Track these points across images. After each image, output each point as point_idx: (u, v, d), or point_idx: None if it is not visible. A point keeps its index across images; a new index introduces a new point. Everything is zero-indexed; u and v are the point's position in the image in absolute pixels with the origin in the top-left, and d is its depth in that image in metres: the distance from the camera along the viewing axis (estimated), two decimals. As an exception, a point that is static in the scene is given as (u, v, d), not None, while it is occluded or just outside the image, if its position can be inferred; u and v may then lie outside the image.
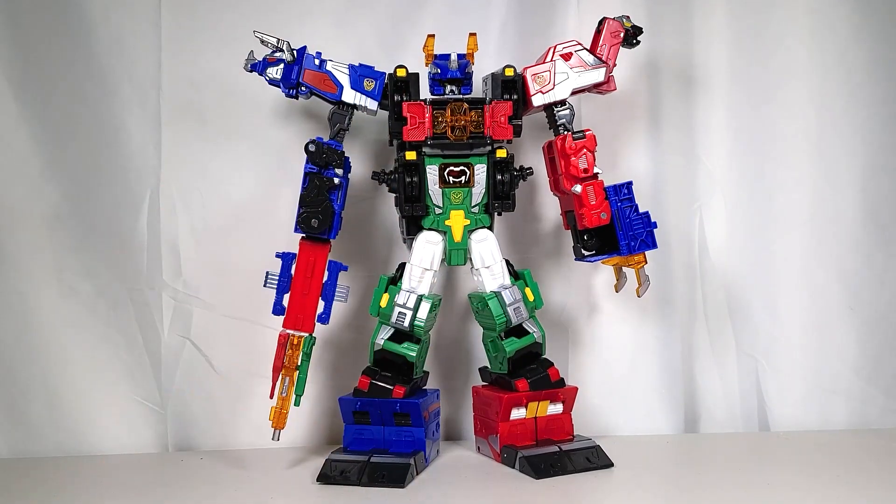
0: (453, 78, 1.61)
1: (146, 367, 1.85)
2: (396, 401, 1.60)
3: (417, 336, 1.63)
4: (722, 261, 1.93)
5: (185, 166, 1.83)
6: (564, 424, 1.69)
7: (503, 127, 1.61)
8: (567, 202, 1.70)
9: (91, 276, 1.83)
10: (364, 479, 1.51)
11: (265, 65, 1.60)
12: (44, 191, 1.81)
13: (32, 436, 1.83)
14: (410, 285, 1.63)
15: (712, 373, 1.93)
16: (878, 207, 1.95)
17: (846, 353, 1.95)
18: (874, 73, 1.93)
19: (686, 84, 1.91)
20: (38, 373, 1.83)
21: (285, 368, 1.60)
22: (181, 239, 1.84)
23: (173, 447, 1.86)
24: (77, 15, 1.79)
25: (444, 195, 1.63)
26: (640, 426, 1.90)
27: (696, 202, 1.93)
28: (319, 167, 1.59)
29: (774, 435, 1.90)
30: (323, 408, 1.86)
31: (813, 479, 1.50)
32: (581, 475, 1.56)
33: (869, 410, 1.94)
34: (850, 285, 1.95)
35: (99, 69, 1.81)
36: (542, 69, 1.64)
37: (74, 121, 1.81)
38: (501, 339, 1.65)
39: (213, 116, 1.83)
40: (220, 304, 1.85)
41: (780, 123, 1.92)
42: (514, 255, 1.83)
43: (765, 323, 1.94)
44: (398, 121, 1.61)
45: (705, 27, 1.90)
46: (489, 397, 1.67)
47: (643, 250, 1.66)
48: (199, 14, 1.82)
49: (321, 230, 1.60)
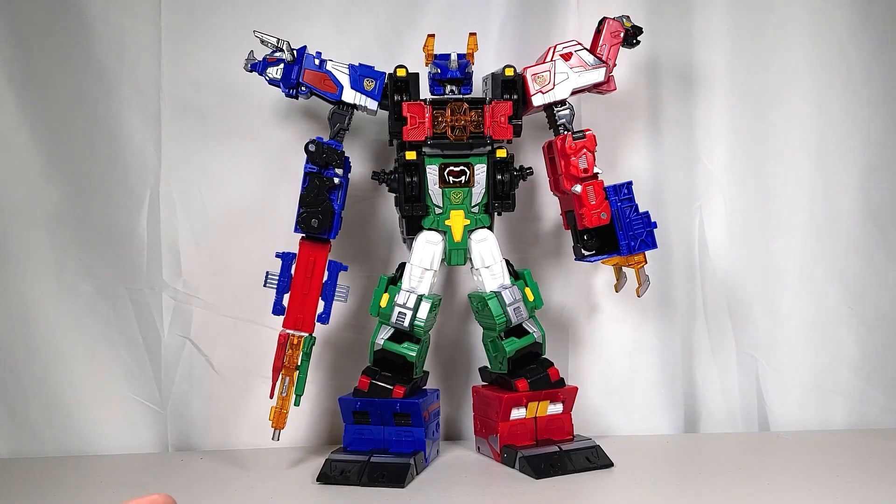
0: (453, 78, 1.61)
1: (146, 367, 1.85)
2: (396, 401, 1.60)
3: (417, 336, 1.63)
4: (722, 261, 1.92)
5: (185, 166, 1.83)
6: (564, 424, 1.69)
7: (503, 127, 1.61)
8: (567, 202, 1.70)
9: (91, 276, 1.83)
10: (364, 479, 1.51)
11: (265, 65, 1.60)
12: (44, 191, 1.81)
13: (32, 436, 1.83)
14: (410, 285, 1.63)
15: (712, 373, 1.93)
16: (878, 208, 1.95)
17: (846, 353, 1.95)
18: (874, 73, 1.93)
19: (686, 84, 1.91)
20: (38, 373, 1.83)
21: (285, 368, 1.60)
22: (181, 239, 1.84)
23: (173, 447, 1.85)
24: (77, 15, 1.79)
25: (444, 195, 1.63)
26: (640, 426, 1.90)
27: (696, 202, 1.93)
28: (319, 167, 1.59)
29: (774, 435, 1.90)
30: (323, 408, 1.86)
31: (813, 479, 1.50)
32: (581, 475, 1.56)
33: (869, 410, 1.94)
34: (850, 285, 1.94)
35: (99, 69, 1.81)
36: (542, 69, 1.64)
37: (74, 121, 1.81)
38: (501, 338, 1.65)
39: (213, 116, 1.83)
40: (220, 304, 1.85)
41: (780, 123, 1.92)
42: (514, 255, 1.83)
43: (765, 323, 1.93)
44: (398, 121, 1.61)
45: (705, 27, 1.90)
46: (489, 397, 1.67)
47: (643, 250, 1.66)
48: (199, 14, 1.82)
49: (321, 230, 1.60)
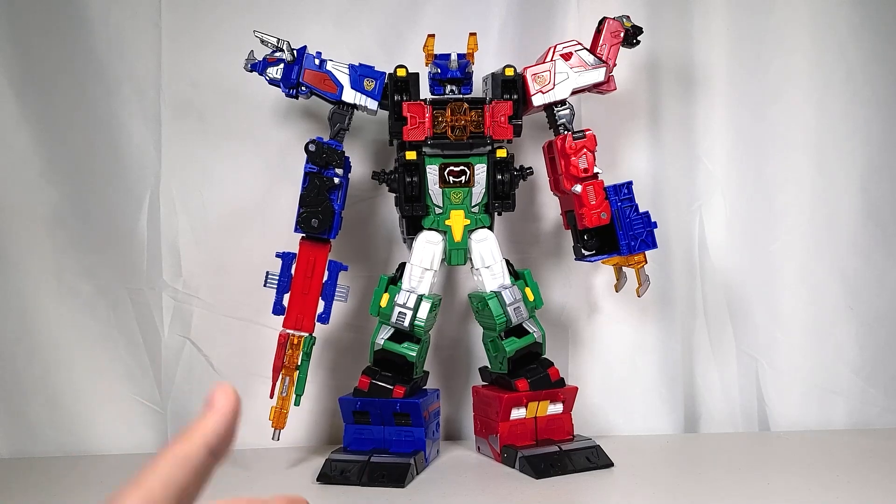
0: (453, 78, 1.61)
1: (146, 367, 1.85)
2: (396, 401, 1.60)
3: (417, 336, 1.63)
4: (722, 261, 1.92)
5: (185, 166, 1.83)
6: (564, 424, 1.69)
7: (503, 127, 1.61)
8: (567, 202, 1.70)
9: (91, 276, 1.83)
10: (364, 479, 1.51)
11: (265, 65, 1.60)
12: (44, 191, 1.81)
13: (32, 436, 1.83)
14: (410, 285, 1.63)
15: (712, 373, 1.93)
16: (878, 207, 1.94)
17: (846, 353, 1.95)
18: (874, 73, 1.92)
19: (686, 84, 1.91)
20: (38, 373, 1.83)
21: (285, 368, 1.60)
22: (181, 239, 1.84)
23: (173, 447, 1.85)
24: (77, 14, 1.79)
25: (444, 195, 1.63)
26: (640, 426, 1.90)
27: (696, 202, 1.92)
28: (319, 167, 1.59)
29: (774, 435, 1.90)
30: (323, 408, 1.86)
31: (813, 479, 1.50)
32: (581, 475, 1.56)
33: (869, 410, 1.94)
34: (850, 285, 1.94)
35: (99, 69, 1.81)
36: (543, 69, 1.64)
37: (74, 121, 1.81)
38: (501, 338, 1.65)
39: (213, 116, 1.83)
40: (220, 304, 1.85)
41: (780, 123, 1.92)
42: (514, 255, 1.83)
43: (765, 323, 1.93)
44: (398, 121, 1.61)
45: (705, 27, 1.90)
46: (489, 397, 1.67)
47: (643, 250, 1.66)
48: (199, 14, 1.82)
49: (321, 230, 1.60)
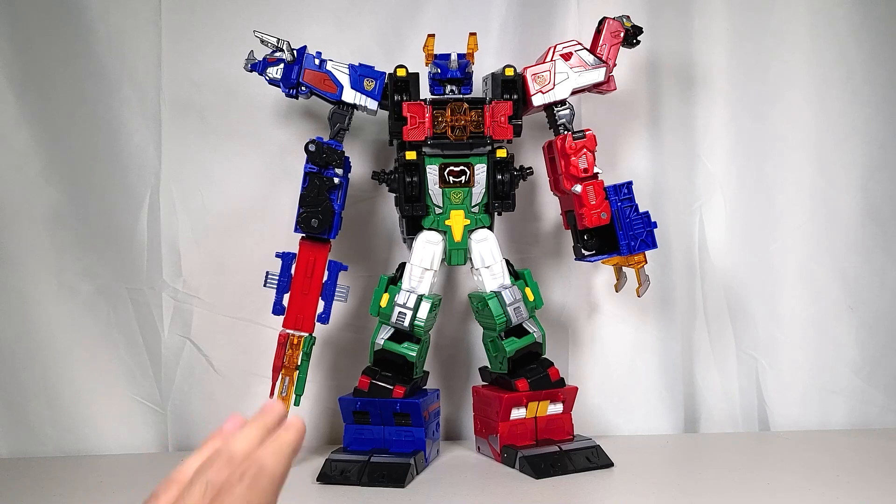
0: (453, 78, 1.61)
1: (146, 367, 1.85)
2: (396, 401, 1.60)
3: (417, 336, 1.63)
4: (722, 261, 1.92)
5: (185, 166, 1.83)
6: (564, 424, 1.69)
7: (503, 127, 1.61)
8: (567, 202, 1.70)
9: (91, 276, 1.83)
10: (364, 479, 1.51)
11: (265, 65, 1.60)
12: (44, 191, 1.81)
13: (32, 436, 1.83)
14: (410, 285, 1.63)
15: (712, 373, 1.93)
16: (878, 207, 1.94)
17: (846, 353, 1.94)
18: (874, 72, 1.92)
19: (686, 84, 1.91)
20: (38, 373, 1.82)
21: (285, 368, 1.60)
22: (181, 239, 1.84)
23: (173, 447, 1.85)
24: (77, 14, 1.79)
25: (444, 195, 1.63)
26: (640, 426, 1.90)
27: (696, 202, 1.92)
28: (319, 167, 1.59)
29: (774, 435, 1.89)
30: (323, 408, 1.86)
31: (813, 479, 1.50)
32: (581, 475, 1.55)
33: (869, 410, 1.94)
34: (850, 285, 1.94)
35: (99, 69, 1.80)
36: (542, 69, 1.64)
37: (74, 121, 1.81)
38: (501, 338, 1.65)
39: (213, 116, 1.83)
40: (220, 304, 1.85)
41: (780, 123, 1.92)
42: (514, 255, 1.83)
43: (765, 323, 1.93)
44: (398, 121, 1.61)
45: (705, 27, 1.90)
46: (489, 397, 1.67)
47: (643, 250, 1.66)
48: (199, 14, 1.81)
49: (321, 230, 1.60)
